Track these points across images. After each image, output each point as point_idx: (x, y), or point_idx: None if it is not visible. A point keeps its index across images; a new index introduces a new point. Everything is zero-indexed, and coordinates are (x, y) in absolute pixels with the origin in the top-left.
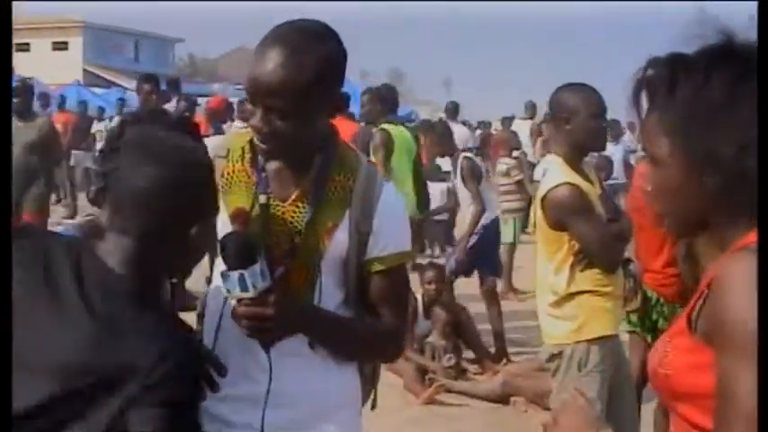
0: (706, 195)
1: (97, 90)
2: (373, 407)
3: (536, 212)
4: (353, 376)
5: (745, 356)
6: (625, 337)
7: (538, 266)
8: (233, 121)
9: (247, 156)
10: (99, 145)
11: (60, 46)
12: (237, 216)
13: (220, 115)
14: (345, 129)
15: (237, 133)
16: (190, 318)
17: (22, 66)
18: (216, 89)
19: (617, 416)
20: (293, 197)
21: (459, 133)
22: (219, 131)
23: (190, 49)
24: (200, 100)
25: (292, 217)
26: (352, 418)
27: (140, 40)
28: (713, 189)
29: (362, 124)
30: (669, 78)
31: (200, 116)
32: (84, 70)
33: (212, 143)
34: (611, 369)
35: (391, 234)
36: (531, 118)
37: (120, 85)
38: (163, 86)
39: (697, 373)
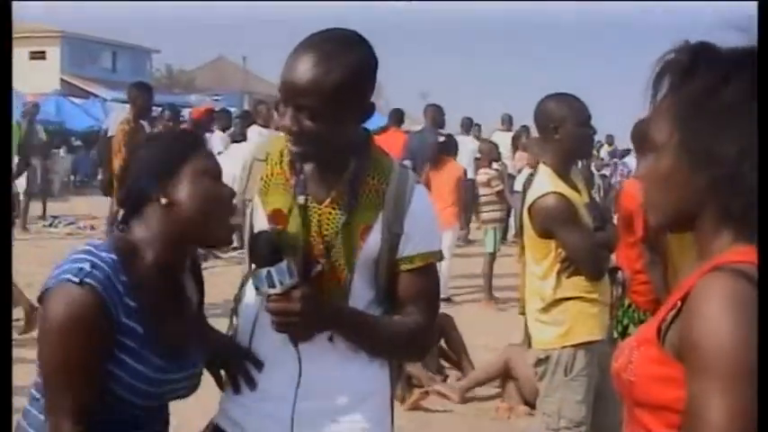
0: (694, 191)
1: (76, 100)
2: (402, 401)
3: (523, 220)
4: (382, 366)
5: (719, 380)
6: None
7: (526, 273)
8: (216, 130)
9: (286, 159)
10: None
11: (38, 55)
12: (275, 217)
13: (204, 125)
14: (397, 139)
15: (276, 137)
16: None
17: None
18: (193, 100)
19: (603, 420)
20: (329, 199)
21: (469, 145)
22: None
23: (167, 59)
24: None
25: (328, 218)
26: (380, 407)
27: (118, 51)
28: (702, 186)
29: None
30: (688, 67)
31: (184, 126)
32: (62, 80)
33: (251, 146)
34: (598, 374)
35: (422, 234)
36: (509, 130)
37: (97, 95)
38: None
39: (661, 384)
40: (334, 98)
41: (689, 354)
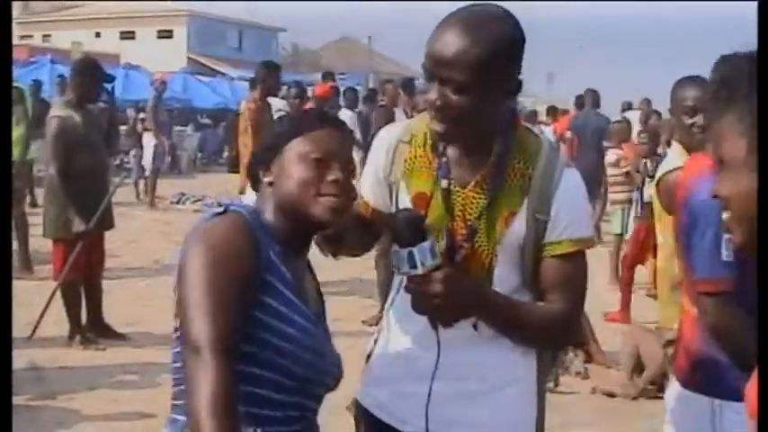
0: None
1: (203, 78)
2: (556, 385)
3: (653, 197)
4: (526, 353)
5: None
6: None
7: (658, 252)
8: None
9: (429, 141)
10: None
11: (165, 34)
12: (419, 200)
13: (327, 102)
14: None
15: (420, 118)
16: None
17: (128, 53)
18: (319, 79)
19: None
20: (473, 183)
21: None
22: None
23: (292, 38)
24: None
25: (472, 203)
26: (522, 394)
27: (244, 30)
28: None
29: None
30: (751, 77)
31: (309, 104)
32: (189, 58)
33: (396, 128)
34: None
35: (569, 221)
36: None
37: (223, 74)
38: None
39: None
40: (482, 71)
41: None
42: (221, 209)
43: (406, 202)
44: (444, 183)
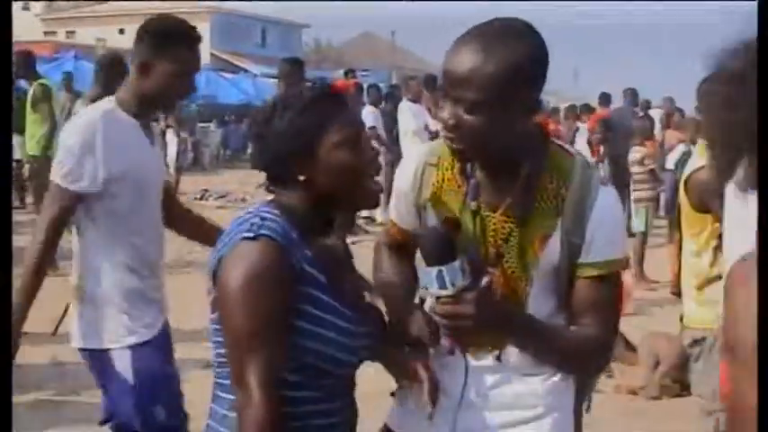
0: None
1: (226, 74)
2: (588, 410)
3: (679, 195)
4: (558, 382)
5: None
6: None
7: (683, 250)
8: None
9: (457, 165)
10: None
11: None
12: (448, 224)
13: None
14: None
15: None
16: None
17: None
18: (342, 75)
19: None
20: (503, 207)
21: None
22: None
23: (316, 35)
24: None
25: (503, 227)
26: (556, 424)
27: (267, 26)
28: None
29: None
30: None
31: None
32: (212, 55)
33: (423, 150)
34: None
35: (603, 242)
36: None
37: (246, 70)
38: None
39: None
40: (495, 90)
41: None
42: (251, 234)
43: (435, 225)
44: (473, 205)
